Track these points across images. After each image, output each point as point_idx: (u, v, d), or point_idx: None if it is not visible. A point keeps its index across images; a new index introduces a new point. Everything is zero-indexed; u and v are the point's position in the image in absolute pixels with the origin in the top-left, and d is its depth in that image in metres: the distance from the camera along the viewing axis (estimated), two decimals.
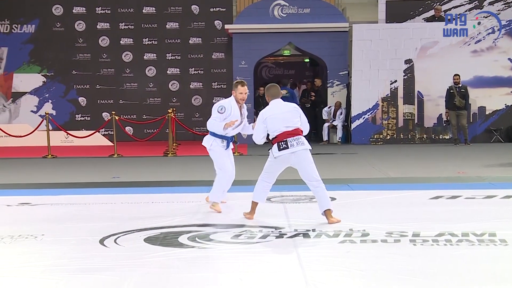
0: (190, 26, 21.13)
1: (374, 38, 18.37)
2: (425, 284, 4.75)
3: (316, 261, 5.47)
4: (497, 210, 7.70)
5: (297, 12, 19.38)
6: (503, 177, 10.78)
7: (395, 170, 12.11)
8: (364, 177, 11.17)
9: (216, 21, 21.05)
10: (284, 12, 19.41)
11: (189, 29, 21.13)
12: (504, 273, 4.98)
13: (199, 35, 21.13)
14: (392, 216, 7.39)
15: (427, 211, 7.58)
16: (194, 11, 21.19)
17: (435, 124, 18.44)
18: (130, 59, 21.22)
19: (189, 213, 7.86)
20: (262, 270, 5.25)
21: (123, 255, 5.78)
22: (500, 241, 5.99)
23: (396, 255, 5.63)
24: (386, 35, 18.38)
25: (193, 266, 5.37)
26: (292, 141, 7.03)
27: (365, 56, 18.30)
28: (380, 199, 8.66)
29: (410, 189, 9.50)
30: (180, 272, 5.20)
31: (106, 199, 9.04)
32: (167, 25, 21.15)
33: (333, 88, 19.35)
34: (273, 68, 23.29)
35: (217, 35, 21.08)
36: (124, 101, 21.08)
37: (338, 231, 6.52)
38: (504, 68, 18.27)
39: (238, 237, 6.43)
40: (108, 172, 12.43)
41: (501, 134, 18.28)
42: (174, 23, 21.16)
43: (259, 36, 19.36)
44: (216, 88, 21.22)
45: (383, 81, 18.01)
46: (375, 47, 18.33)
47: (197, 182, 10.74)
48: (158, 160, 15.20)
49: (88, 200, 8.62)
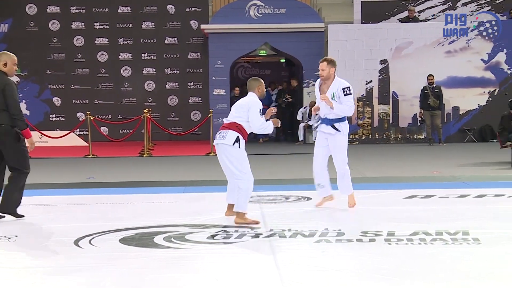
0: (166, 26, 21.07)
1: (350, 39, 18.47)
2: (400, 282, 4.78)
3: (292, 260, 5.48)
4: (470, 209, 7.79)
5: (273, 12, 19.42)
6: (476, 176, 10.91)
7: (371, 169, 12.18)
8: None
9: (192, 21, 21.02)
10: (260, 12, 19.43)
11: (164, 29, 21.07)
12: (477, 271, 5.04)
13: (175, 35, 21.08)
14: (367, 215, 7.43)
15: (402, 211, 7.64)
16: (169, 11, 21.13)
17: (410, 124, 18.59)
18: (105, 59, 21.10)
19: (164, 213, 7.83)
20: (238, 270, 5.25)
21: (98, 256, 5.74)
22: (473, 240, 6.05)
23: (371, 254, 5.66)
24: (362, 36, 18.48)
25: (168, 266, 5.36)
26: (218, 133, 7.14)
27: (341, 56, 18.36)
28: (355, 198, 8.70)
29: (385, 188, 9.56)
30: (155, 272, 5.18)
31: (81, 199, 8.98)
32: (143, 25, 21.07)
33: (309, 88, 19.40)
34: (249, 68, 23.30)
35: (193, 35, 21.05)
36: (99, 101, 20.96)
37: (314, 230, 6.54)
38: (477, 68, 18.47)
39: (214, 237, 6.42)
40: (83, 173, 12.35)
41: (475, 134, 18.49)
42: (149, 23, 21.09)
43: (235, 36, 19.36)
44: (192, 88, 21.18)
45: (359, 81, 18.11)
46: (351, 47, 18.42)
47: (172, 183, 10.71)
48: (134, 160, 15.13)
49: (62, 201, 8.54)
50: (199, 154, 15.98)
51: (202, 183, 10.52)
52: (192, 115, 21.19)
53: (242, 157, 7.04)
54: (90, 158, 15.54)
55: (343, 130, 7.66)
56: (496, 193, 8.87)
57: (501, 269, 5.11)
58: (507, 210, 7.67)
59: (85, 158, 15.54)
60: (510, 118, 13.24)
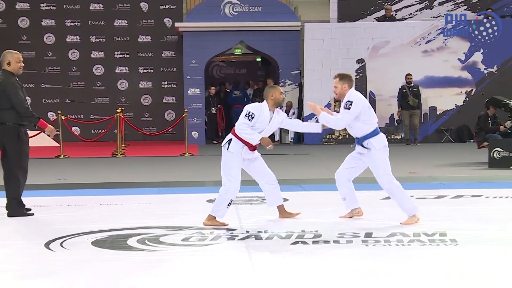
0: (139, 24, 20.98)
1: (326, 37, 18.55)
2: (377, 284, 4.81)
3: (268, 263, 5.49)
4: (448, 210, 7.87)
5: (248, 10, 19.43)
6: (453, 177, 11.02)
7: None
8: (317, 177, 11.27)
9: (166, 19, 20.95)
10: (235, 10, 19.43)
11: (138, 27, 20.98)
12: (455, 273, 5.09)
13: (149, 33, 21.00)
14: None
15: (379, 212, 7.69)
16: (143, 9, 21.04)
17: (387, 124, 18.71)
18: (76, 57, 20.94)
19: (138, 215, 7.80)
20: (214, 272, 5.25)
21: (70, 259, 5.70)
22: (451, 241, 6.12)
23: (348, 255, 5.69)
24: (338, 34, 18.57)
25: (142, 269, 5.34)
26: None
27: (317, 56, 18.46)
28: (332, 199, 8.73)
29: (362, 189, 9.59)
30: (129, 276, 5.16)
31: (52, 201, 8.91)
32: (115, 23, 20.95)
33: (285, 88, 19.43)
34: (224, 67, 23.29)
35: (167, 33, 20.99)
36: (71, 101, 20.80)
37: (290, 232, 6.56)
38: (454, 68, 18.66)
39: (189, 239, 6.41)
40: (54, 174, 12.26)
41: (452, 134, 18.67)
42: (122, 20, 20.97)
43: (210, 34, 19.34)
44: (166, 87, 21.12)
45: None
46: (327, 46, 18.50)
47: (146, 184, 10.68)
48: (106, 161, 15.04)
49: (33, 203, 8.45)
50: (173, 155, 15.93)
51: (176, 184, 10.48)
52: (166, 114, 21.12)
53: (228, 163, 6.97)
54: (62, 159, 15.42)
55: (374, 146, 7.00)
56: (474, 193, 8.97)
57: (479, 270, 5.17)
58: (485, 211, 7.76)
59: (56, 159, 15.42)
60: (486, 118, 13.42)
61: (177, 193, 9.53)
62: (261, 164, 7.21)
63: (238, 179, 6.99)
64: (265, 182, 7.25)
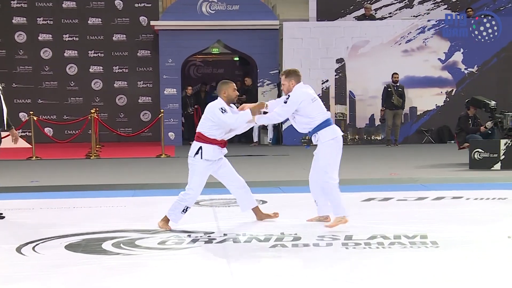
0: (114, 22, 20.87)
1: (305, 37, 18.59)
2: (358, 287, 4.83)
3: (246, 266, 5.48)
4: (429, 212, 7.91)
5: (225, 9, 19.41)
6: (434, 178, 11.09)
7: None
8: (296, 179, 11.27)
9: (141, 17, 20.86)
10: (213, 9, 19.41)
11: (112, 25, 20.86)
12: (436, 275, 5.12)
13: (124, 32, 20.90)
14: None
15: (359, 214, 7.71)
16: (117, 6, 20.92)
17: (367, 125, 18.80)
18: (49, 56, 20.78)
19: (113, 218, 7.75)
20: (191, 277, 5.22)
21: (42, 264, 5.65)
22: (431, 243, 6.15)
23: (328, 259, 5.70)
24: (317, 34, 18.62)
25: (117, 274, 5.30)
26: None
27: (296, 55, 18.49)
28: (312, 202, 8.75)
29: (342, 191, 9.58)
30: (104, 280, 5.12)
31: (24, 204, 8.83)
32: (89, 21, 20.82)
33: (263, 88, 19.46)
34: (201, 67, 23.25)
35: (142, 32, 20.90)
36: (43, 101, 20.63)
37: (269, 235, 6.55)
38: (435, 68, 18.80)
39: (165, 242, 6.38)
40: (26, 176, 12.15)
41: (432, 135, 18.80)
42: (96, 18, 20.85)
43: (186, 33, 19.29)
44: (142, 87, 21.03)
45: (315, 80, 18.21)
46: (306, 45, 18.55)
47: (121, 186, 10.62)
48: (80, 162, 14.94)
49: (3, 206, 8.37)
50: (149, 156, 15.87)
51: (152, 186, 10.45)
52: (142, 115, 21.03)
53: (197, 170, 6.93)
54: (34, 161, 15.29)
55: (320, 139, 6.94)
56: (454, 195, 9.03)
57: (460, 273, 5.20)
58: (466, 213, 7.81)
59: (28, 161, 15.28)
60: (467, 118, 13.53)
61: (153, 196, 9.50)
62: (230, 169, 7.19)
63: (201, 189, 6.98)
64: (236, 187, 7.22)
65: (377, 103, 18.46)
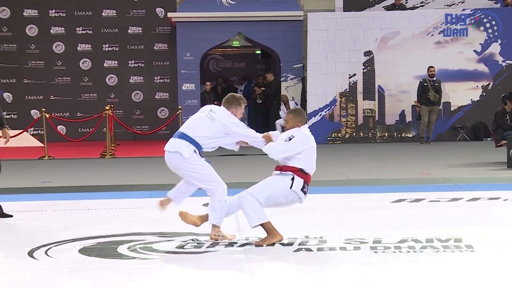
0: (129, 14, 20.96)
1: (331, 28, 18.53)
2: None
3: (268, 272, 5.49)
4: (463, 213, 7.87)
5: None
6: (469, 178, 11.02)
7: (355, 171, 12.24)
8: (321, 179, 11.25)
9: (158, 9, 20.93)
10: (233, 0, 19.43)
11: (128, 17, 20.95)
12: (471, 282, 5.09)
13: (139, 24, 20.97)
14: (351, 221, 7.47)
15: (388, 216, 7.69)
16: None
17: (397, 121, 18.71)
18: (61, 50, 20.93)
19: (129, 220, 7.80)
20: (210, 283, 5.24)
21: (55, 268, 5.69)
22: (466, 247, 6.11)
23: (356, 263, 5.69)
24: (344, 25, 18.56)
25: (133, 279, 5.33)
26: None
27: (321, 48, 18.44)
28: (338, 203, 8.75)
29: (370, 192, 9.61)
30: (119, 286, 5.15)
31: (36, 206, 8.90)
32: (103, 13, 20.93)
33: (287, 83, 19.46)
34: (221, 61, 23.30)
35: (159, 24, 20.96)
36: (56, 97, 20.78)
37: (293, 238, 6.55)
38: (470, 60, 18.64)
39: (184, 246, 6.41)
40: (38, 176, 12.25)
41: (467, 131, 18.66)
42: (111, 10, 20.95)
43: (205, 25, 19.33)
44: (159, 82, 21.11)
45: (341, 74, 18.18)
46: (332, 37, 18.49)
47: (137, 187, 10.67)
48: (95, 162, 15.04)
49: (15, 208, 8.46)
50: None
51: (170, 187, 10.44)
52: (159, 112, 21.12)
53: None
54: (46, 160, 15.42)
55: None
56: (491, 196, 8.97)
57: (497, 279, 5.17)
58: (502, 215, 7.77)
59: (40, 160, 15.41)
60: (504, 114, 13.41)
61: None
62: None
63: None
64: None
65: (407, 99, 18.36)
